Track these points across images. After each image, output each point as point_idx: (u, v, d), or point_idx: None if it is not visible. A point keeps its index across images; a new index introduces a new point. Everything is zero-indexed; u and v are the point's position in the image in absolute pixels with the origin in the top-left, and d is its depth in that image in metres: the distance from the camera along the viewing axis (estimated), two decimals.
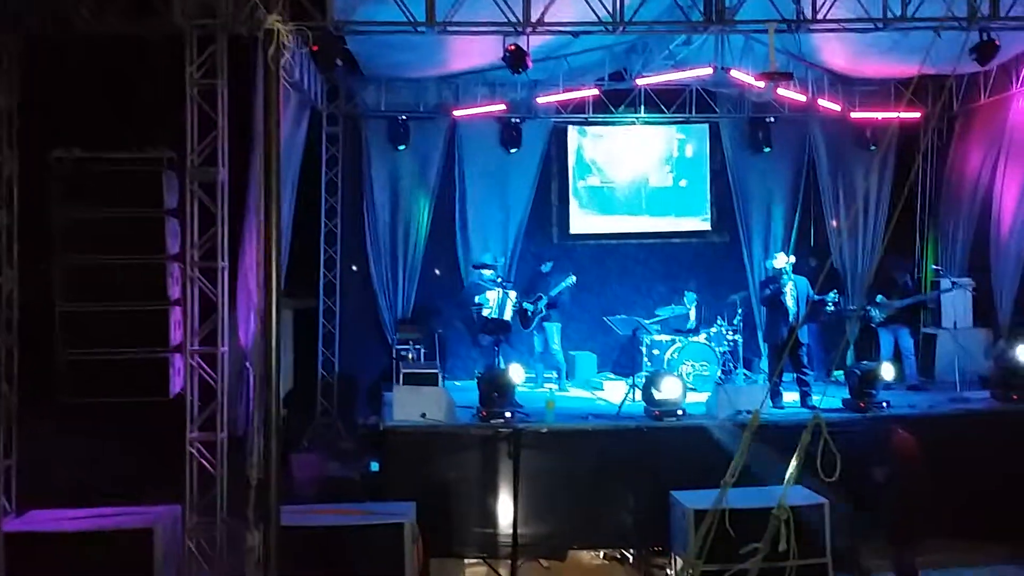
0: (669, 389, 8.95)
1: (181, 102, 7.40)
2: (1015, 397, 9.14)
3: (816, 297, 9.61)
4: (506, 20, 7.94)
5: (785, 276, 9.64)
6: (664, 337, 10.93)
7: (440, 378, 10.03)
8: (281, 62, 4.76)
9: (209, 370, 7.50)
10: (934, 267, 11.46)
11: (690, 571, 6.85)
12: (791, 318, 9.50)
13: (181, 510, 7.35)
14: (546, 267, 11.20)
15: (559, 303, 10.92)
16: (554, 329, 11.06)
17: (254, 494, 6.61)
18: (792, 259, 10.04)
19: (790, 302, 9.54)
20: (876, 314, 10.70)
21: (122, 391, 7.37)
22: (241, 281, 8.23)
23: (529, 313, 10.81)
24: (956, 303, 11.13)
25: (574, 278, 10.83)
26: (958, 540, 8.50)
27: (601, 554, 9.04)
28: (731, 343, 10.91)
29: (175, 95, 7.48)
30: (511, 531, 8.24)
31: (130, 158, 7.39)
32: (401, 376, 9.98)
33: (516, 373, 8.88)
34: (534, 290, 10.94)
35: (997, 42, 8.60)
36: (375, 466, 9.09)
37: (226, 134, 7.57)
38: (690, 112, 12.13)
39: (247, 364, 8.04)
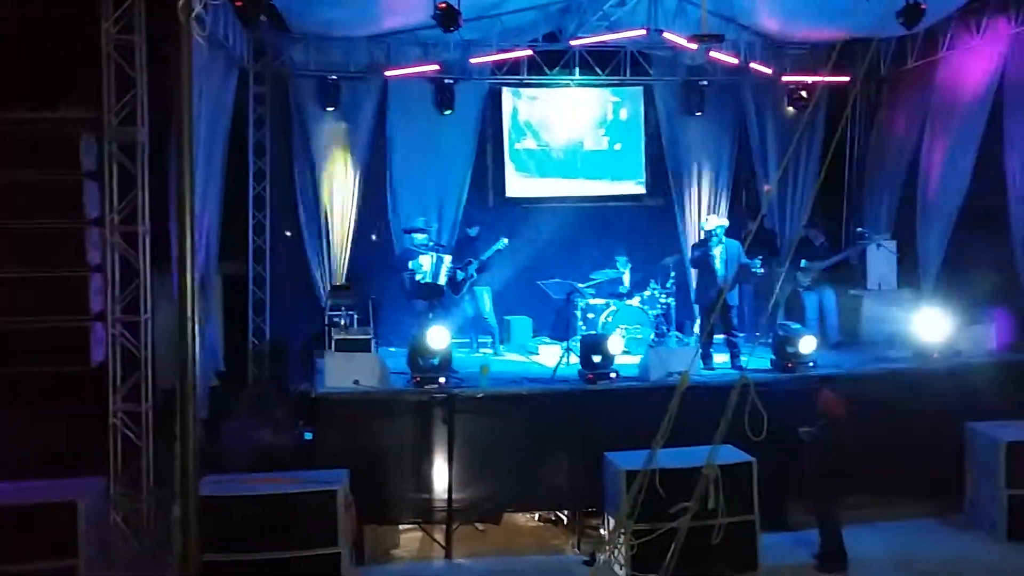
0: (611, 346, 8.99)
1: (97, 60, 7.10)
2: (935, 355, 9.39)
3: (744, 261, 9.74)
4: None
5: (715, 239, 9.75)
6: (598, 301, 10.97)
7: (373, 344, 9.91)
8: (192, 15, 4.54)
9: (132, 339, 7.30)
10: (859, 229, 11.66)
11: (622, 531, 6.95)
12: (719, 280, 9.62)
13: (106, 482, 7.18)
14: (473, 231, 11.12)
15: (489, 267, 10.86)
16: (485, 293, 11.01)
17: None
18: (725, 222, 10.14)
19: (718, 265, 9.67)
20: (802, 278, 10.90)
21: (42, 361, 7.14)
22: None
23: (459, 278, 10.73)
24: (880, 265, 11.39)
25: (505, 241, 10.78)
26: (880, 495, 8.78)
27: (536, 516, 9.11)
28: (664, 306, 11.02)
29: (91, 52, 7.16)
30: (446, 496, 8.24)
31: (44, 119, 7.09)
32: (333, 342, 9.84)
33: (437, 337, 8.75)
34: (462, 255, 10.84)
35: (923, 5, 8.72)
36: (308, 434, 8.98)
37: (146, 93, 7.30)
38: (624, 75, 12.10)
39: None
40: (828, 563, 7.55)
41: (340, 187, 11.54)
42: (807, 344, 9.17)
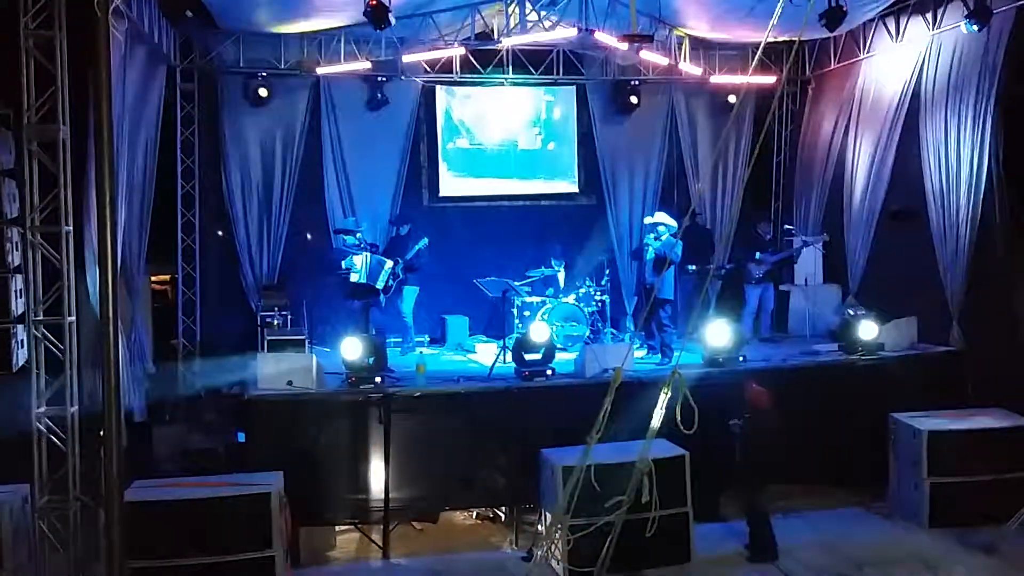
0: (537, 335, 9.05)
1: (15, 55, 6.87)
2: (860, 349, 9.67)
3: (676, 260, 9.95)
4: None
5: (651, 235, 9.96)
6: (534, 299, 11.04)
7: (307, 345, 9.80)
8: (110, 8, 4.43)
9: (56, 341, 7.08)
10: (787, 227, 11.95)
11: (559, 526, 7.00)
12: (647, 275, 9.88)
13: (30, 489, 6.96)
14: (403, 229, 11.06)
15: (418, 266, 10.82)
16: (410, 293, 10.97)
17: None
18: (668, 220, 10.38)
19: (647, 259, 9.99)
20: (754, 270, 11.11)
21: None
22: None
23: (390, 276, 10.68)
24: (807, 261, 11.71)
25: (426, 240, 10.75)
26: (808, 485, 9.02)
27: (474, 514, 9.12)
28: (599, 303, 11.14)
29: (7, 47, 6.92)
30: (383, 496, 8.19)
31: None
32: (265, 343, 9.70)
33: (356, 346, 8.68)
34: (393, 254, 10.77)
35: (844, 8, 8.98)
36: (241, 436, 8.84)
37: (67, 90, 7.10)
38: (557, 74, 12.20)
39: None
40: (758, 552, 7.71)
41: (271, 186, 11.38)
42: (716, 336, 9.30)
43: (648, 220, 10.42)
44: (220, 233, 11.58)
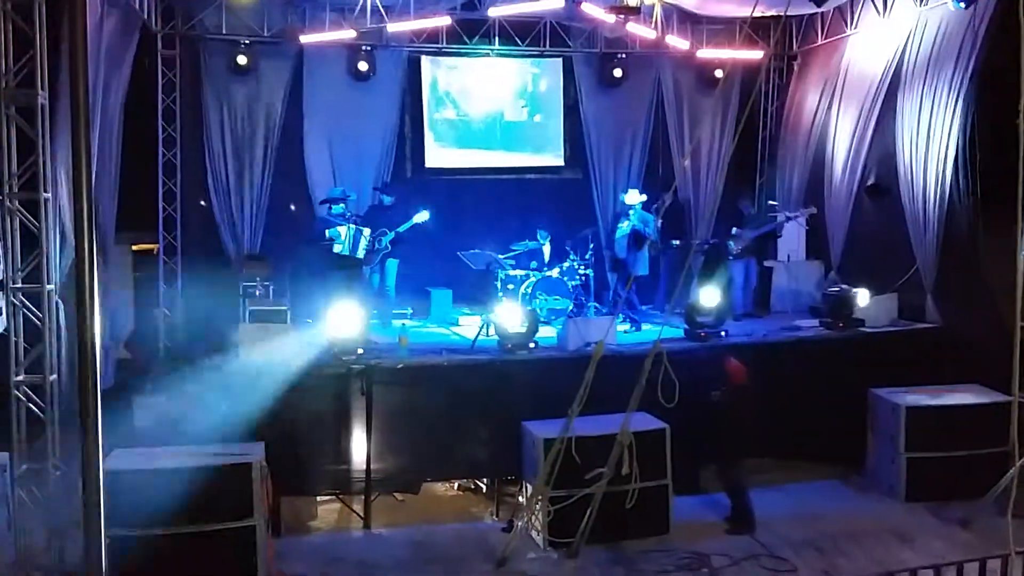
0: (507, 317, 9.05)
1: None
2: (842, 325, 9.74)
3: (646, 234, 10.22)
4: None
5: (632, 212, 10.01)
6: (518, 272, 11.03)
7: (288, 315, 9.77)
8: None
9: (35, 309, 7.03)
10: (771, 202, 11.95)
11: (539, 497, 7.05)
12: (617, 252, 10.02)
13: (9, 457, 6.92)
14: (387, 199, 10.99)
15: (404, 239, 10.77)
16: (392, 265, 10.92)
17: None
18: (643, 197, 10.41)
19: (619, 236, 10.25)
20: (732, 246, 11.14)
21: None
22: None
23: (373, 249, 10.62)
24: (790, 237, 11.74)
25: (427, 214, 10.68)
26: (787, 459, 9.12)
27: (455, 485, 9.17)
28: (583, 277, 11.13)
29: None
30: (364, 467, 8.21)
31: None
32: (247, 314, 9.65)
33: (355, 317, 8.64)
34: (375, 224, 10.68)
35: None
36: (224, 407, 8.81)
37: (46, 55, 6.98)
38: (544, 46, 12.10)
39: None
40: (737, 525, 7.80)
41: (254, 155, 11.28)
42: (708, 297, 9.41)
43: (626, 200, 10.60)
44: (203, 203, 11.47)
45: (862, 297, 9.86)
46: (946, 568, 5.56)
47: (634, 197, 10.76)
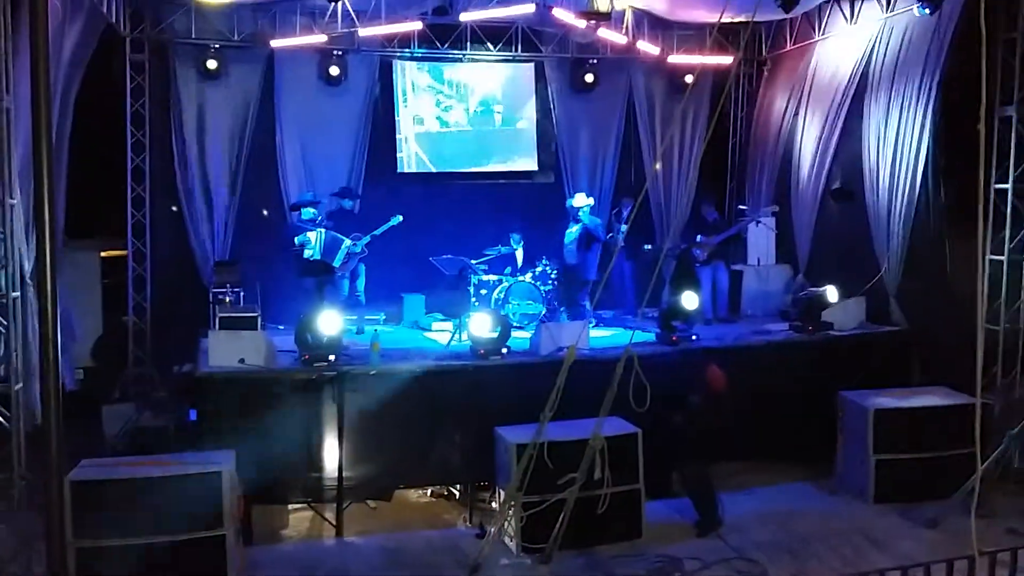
0: (479, 326, 9.04)
1: None
2: (811, 328, 9.83)
3: (602, 237, 10.48)
4: None
5: (580, 214, 10.27)
6: (491, 277, 11.03)
7: (259, 322, 9.69)
8: None
9: (1, 318, 6.94)
10: (740, 207, 12.06)
11: (512, 503, 7.04)
12: (571, 258, 10.29)
13: None
14: (347, 204, 10.94)
15: (377, 242, 10.73)
16: (362, 271, 10.85)
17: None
18: (591, 200, 10.50)
19: (568, 241, 10.45)
20: (698, 253, 11.21)
21: None
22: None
23: (347, 254, 10.57)
24: (759, 241, 11.84)
25: (400, 218, 10.66)
26: (759, 462, 9.19)
27: (428, 492, 9.14)
28: (555, 282, 11.16)
29: None
30: (336, 474, 8.16)
31: None
32: (217, 320, 9.57)
33: (330, 321, 8.62)
34: (341, 231, 10.60)
35: None
36: (193, 415, 8.74)
37: (10, 59, 6.92)
38: (516, 51, 12.14)
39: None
40: (704, 526, 7.86)
41: (224, 161, 11.19)
42: (688, 301, 9.50)
43: (574, 203, 10.73)
44: (173, 208, 11.37)
45: (831, 294, 9.97)
46: (913, 569, 5.61)
47: (581, 200, 10.84)
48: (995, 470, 7.88)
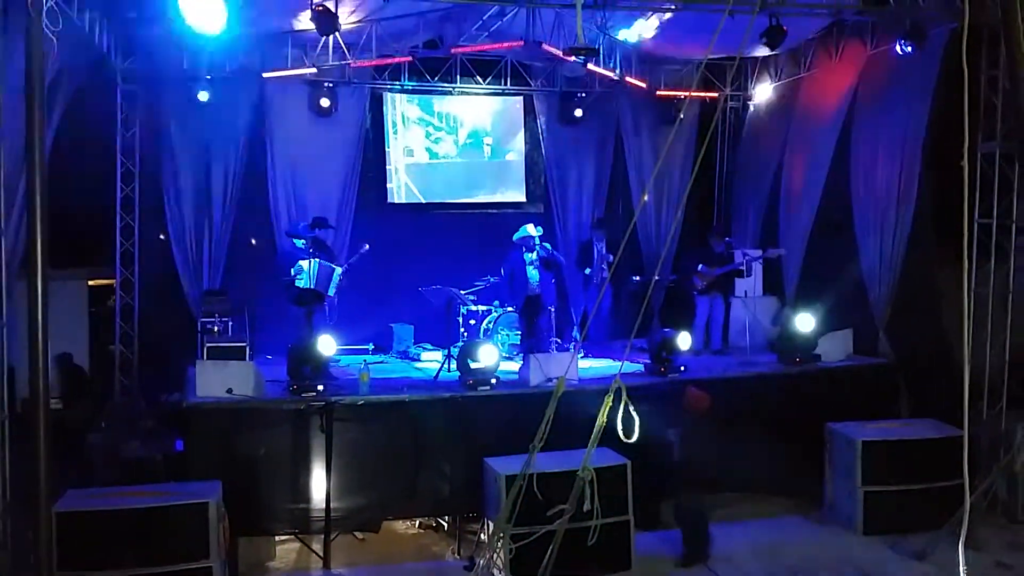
0: (485, 356, 9.05)
1: None
2: (798, 360, 9.87)
3: (559, 260, 10.74)
4: None
5: (535, 242, 10.42)
6: (480, 307, 11.05)
7: (248, 352, 9.67)
8: (44, 9, 4.31)
9: None
10: (727, 240, 12.13)
11: (501, 535, 7.00)
12: (532, 284, 10.37)
13: None
14: (322, 234, 10.94)
15: (351, 271, 10.75)
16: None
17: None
18: (540, 229, 10.65)
19: (531, 270, 10.38)
20: (697, 282, 11.25)
21: None
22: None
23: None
24: (749, 274, 11.89)
25: (367, 246, 10.64)
26: (748, 494, 9.18)
27: (416, 523, 9.08)
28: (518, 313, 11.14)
29: None
30: (324, 505, 8.11)
31: None
32: (205, 350, 9.54)
33: (327, 345, 8.65)
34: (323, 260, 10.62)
35: (785, 28, 9.19)
36: (180, 445, 8.69)
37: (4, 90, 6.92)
38: (505, 84, 12.26)
39: None
40: (689, 557, 7.83)
41: (214, 190, 11.20)
42: (683, 341, 9.50)
43: (525, 234, 10.60)
44: (162, 237, 11.36)
45: (804, 322, 9.98)
46: None
47: (533, 229, 10.75)
48: (983, 503, 7.91)
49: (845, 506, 8.65)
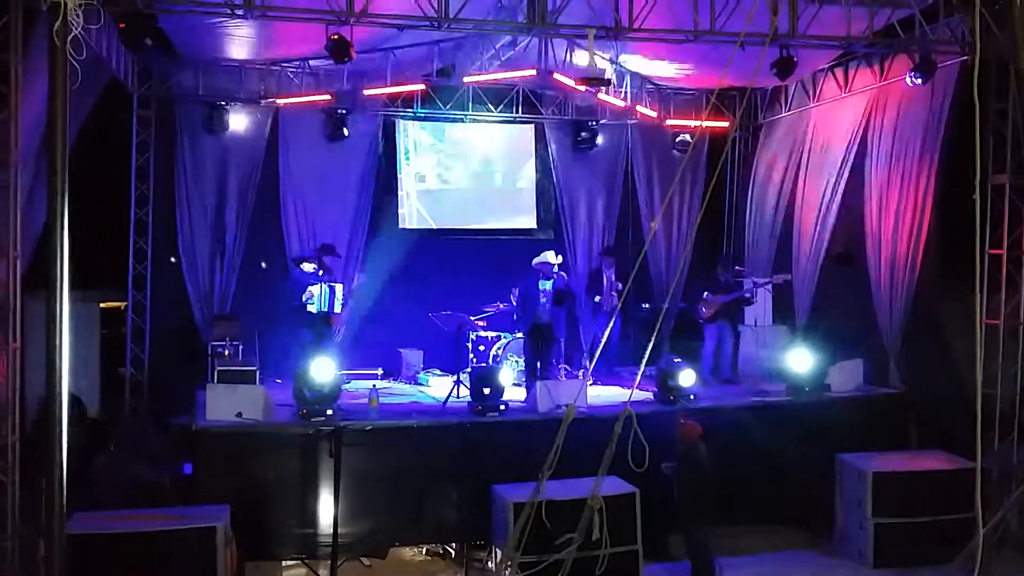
0: (503, 382, 9.06)
1: None
2: (807, 390, 9.82)
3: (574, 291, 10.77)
4: (329, 8, 7.78)
5: (551, 271, 10.34)
6: (490, 333, 11.05)
7: (258, 376, 9.69)
8: (69, 38, 4.38)
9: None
10: (737, 268, 12.13)
11: (508, 563, 6.97)
12: (542, 312, 10.25)
13: None
14: (329, 260, 10.99)
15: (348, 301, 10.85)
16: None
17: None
18: (559, 258, 10.61)
19: (543, 299, 10.27)
20: (702, 310, 11.23)
21: None
22: None
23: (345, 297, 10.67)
24: (758, 303, 11.87)
25: (363, 278, 10.69)
26: (757, 525, 9.10)
27: (423, 550, 9.04)
28: (555, 340, 11.16)
29: None
30: (331, 531, 8.09)
31: None
32: (215, 374, 9.57)
33: (327, 369, 8.63)
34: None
35: (795, 58, 9.25)
36: (188, 468, 8.69)
37: (20, 115, 7.01)
38: (517, 112, 12.36)
39: None
40: None
41: (226, 215, 11.29)
42: (686, 378, 9.45)
43: (545, 261, 10.46)
44: (173, 260, 11.44)
45: (808, 354, 9.93)
46: None
47: (553, 257, 10.61)
48: (994, 535, 7.83)
49: (855, 538, 8.58)
